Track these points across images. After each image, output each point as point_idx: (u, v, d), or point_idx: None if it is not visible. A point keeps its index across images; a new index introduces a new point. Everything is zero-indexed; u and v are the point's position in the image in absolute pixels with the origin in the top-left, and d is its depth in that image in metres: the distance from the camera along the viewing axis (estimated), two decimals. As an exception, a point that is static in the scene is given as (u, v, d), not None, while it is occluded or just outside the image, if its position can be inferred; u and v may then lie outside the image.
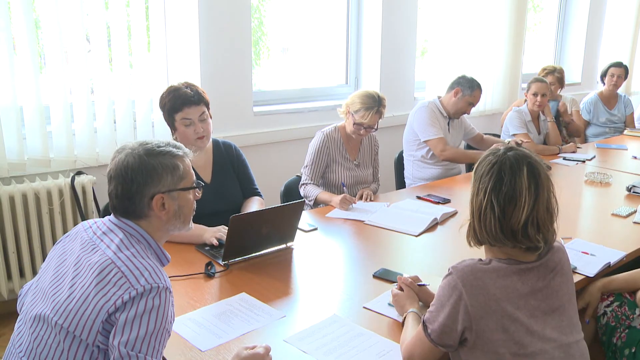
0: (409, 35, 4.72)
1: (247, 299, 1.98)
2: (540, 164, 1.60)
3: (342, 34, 4.67)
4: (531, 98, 4.44)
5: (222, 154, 2.75)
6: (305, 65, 4.74)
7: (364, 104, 3.10)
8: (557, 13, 6.82)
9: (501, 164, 1.58)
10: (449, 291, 1.54)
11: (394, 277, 2.06)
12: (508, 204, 1.55)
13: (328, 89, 4.62)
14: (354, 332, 1.79)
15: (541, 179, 1.57)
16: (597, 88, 5.85)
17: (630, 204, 3.15)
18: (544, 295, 1.57)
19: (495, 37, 5.36)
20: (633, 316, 2.24)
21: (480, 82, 3.95)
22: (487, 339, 1.51)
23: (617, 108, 5.59)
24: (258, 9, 4.35)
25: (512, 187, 1.55)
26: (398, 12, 4.57)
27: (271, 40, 4.55)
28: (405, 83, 4.81)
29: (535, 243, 1.55)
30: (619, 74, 5.46)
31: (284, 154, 4.08)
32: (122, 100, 3.38)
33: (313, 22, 4.65)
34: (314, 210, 3.01)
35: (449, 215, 2.91)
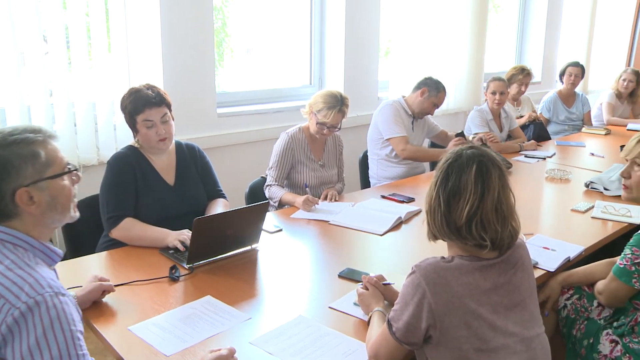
0: (372, 36, 4.75)
1: (212, 302, 1.97)
2: (493, 163, 1.61)
3: (305, 34, 4.67)
4: (490, 97, 4.52)
5: (185, 156, 2.72)
6: (270, 66, 4.73)
7: (327, 103, 3.11)
8: (517, 14, 6.94)
9: (453, 160, 1.62)
10: (413, 289, 1.55)
11: (359, 277, 2.07)
12: (452, 199, 1.58)
13: (292, 89, 4.61)
14: (319, 332, 1.79)
15: (490, 178, 1.58)
16: (556, 87, 5.97)
17: (588, 200, 3.23)
18: (505, 290, 1.60)
19: (458, 37, 5.43)
20: (591, 308, 2.30)
21: (444, 81, 4.01)
22: (451, 336, 1.53)
23: (576, 106, 5.72)
24: (221, 10, 4.33)
25: (457, 184, 1.58)
26: (361, 12, 4.59)
27: (235, 42, 4.52)
28: (369, 83, 4.84)
29: (479, 241, 1.57)
30: (576, 73, 5.60)
31: (249, 156, 4.07)
32: (82, 102, 3.32)
33: (277, 23, 4.64)
34: (278, 211, 3.01)
35: (413, 213, 2.93)
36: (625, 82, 5.98)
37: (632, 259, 2.01)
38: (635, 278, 2.01)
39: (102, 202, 2.50)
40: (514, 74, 5.11)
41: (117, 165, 2.53)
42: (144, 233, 2.43)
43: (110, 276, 2.12)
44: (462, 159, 1.60)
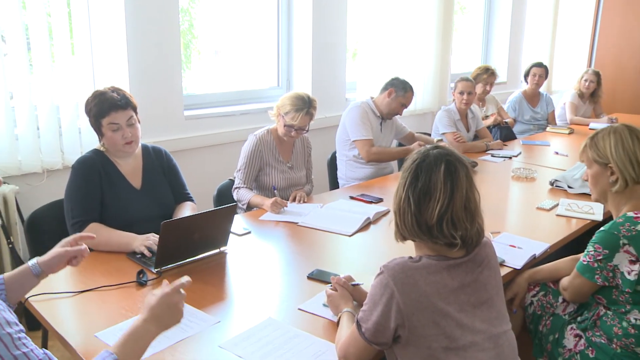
0: (339, 37, 4.76)
1: (180, 306, 1.95)
2: (460, 162, 1.63)
3: (273, 36, 4.66)
4: (458, 97, 4.57)
5: (152, 160, 2.69)
6: (237, 68, 4.71)
7: (294, 105, 3.11)
8: (483, 15, 7.04)
9: (421, 161, 1.63)
10: (381, 290, 1.56)
11: (328, 278, 2.07)
12: (422, 199, 1.59)
13: (260, 91, 4.60)
14: (289, 334, 1.79)
15: (458, 177, 1.60)
16: (522, 87, 6.07)
17: (553, 198, 3.29)
18: (472, 289, 1.62)
19: (424, 38, 5.48)
20: (557, 304, 2.34)
21: (411, 82, 4.04)
22: (420, 335, 1.54)
23: (540, 106, 5.83)
24: (188, 11, 4.29)
25: (427, 184, 1.59)
26: (328, 14, 4.61)
27: (202, 43, 4.49)
28: (337, 84, 4.85)
29: (450, 239, 1.58)
30: (540, 74, 5.70)
31: (217, 158, 4.04)
32: (45, 105, 3.26)
33: (244, 24, 4.62)
34: (247, 213, 3.00)
35: (381, 214, 2.94)
36: (586, 83, 6.11)
37: (594, 255, 2.06)
38: (598, 274, 2.06)
39: (67, 207, 2.46)
40: (479, 73, 5.18)
41: (82, 169, 2.49)
42: (110, 238, 2.40)
43: (76, 282, 2.09)
44: (430, 158, 1.61)
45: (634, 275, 1.98)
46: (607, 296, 2.09)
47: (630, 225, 2.01)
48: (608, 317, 2.10)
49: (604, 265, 2.03)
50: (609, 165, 2.15)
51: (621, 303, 2.06)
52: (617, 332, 2.05)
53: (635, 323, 2.02)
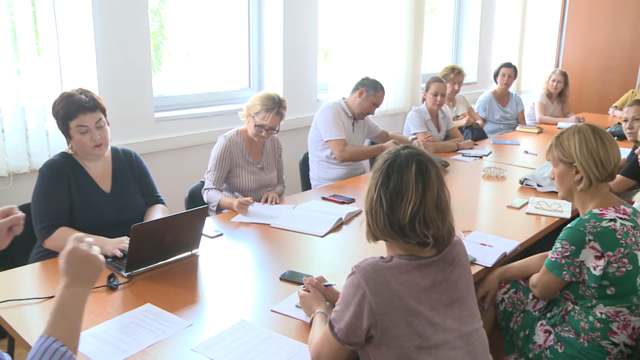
0: (310, 38, 4.77)
1: (152, 310, 1.93)
2: (431, 162, 1.64)
3: (244, 37, 4.64)
4: (431, 98, 4.60)
5: (122, 162, 2.66)
6: (209, 69, 4.68)
7: (264, 105, 3.10)
8: (452, 16, 7.11)
9: (392, 161, 1.63)
10: (353, 290, 1.56)
11: (301, 279, 2.07)
12: (395, 199, 1.59)
13: (231, 92, 4.58)
14: (262, 336, 1.79)
15: (430, 176, 1.61)
16: (491, 87, 6.15)
17: (523, 196, 3.34)
18: (444, 288, 1.63)
19: (396, 39, 5.51)
20: (527, 300, 2.38)
21: (383, 82, 4.05)
22: (392, 335, 1.55)
23: (510, 106, 5.90)
24: (158, 12, 4.25)
25: (399, 183, 1.59)
26: (299, 15, 4.61)
27: (173, 44, 4.45)
28: (308, 85, 4.86)
29: (423, 239, 1.59)
30: (509, 74, 5.78)
31: (188, 160, 4.01)
32: (10, 107, 3.19)
33: (216, 25, 4.60)
34: (219, 215, 2.98)
35: (354, 214, 2.96)
36: (554, 83, 6.21)
37: (562, 252, 2.09)
38: (565, 270, 2.09)
39: (35, 212, 2.42)
40: (446, 73, 5.24)
41: (50, 172, 2.46)
42: (79, 242, 2.36)
43: (44, 288, 2.06)
44: (401, 158, 1.62)
45: (599, 271, 2.02)
46: (574, 291, 2.13)
47: (595, 221, 2.05)
48: (575, 312, 2.14)
49: (571, 262, 2.07)
50: (574, 164, 2.18)
51: (587, 298, 2.10)
52: (584, 326, 2.09)
53: (600, 317, 2.06)
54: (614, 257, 2.01)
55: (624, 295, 2.03)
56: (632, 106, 3.84)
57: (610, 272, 2.02)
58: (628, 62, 7.37)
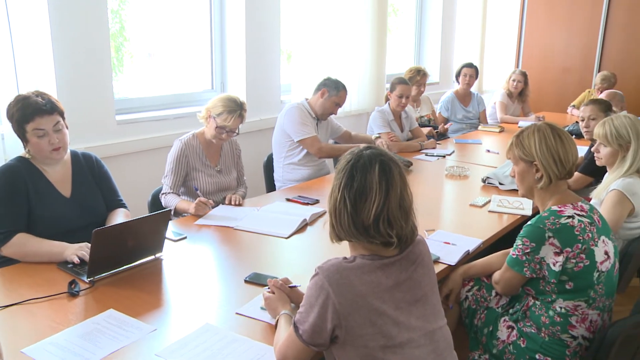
0: (273, 39, 4.76)
1: (115, 316, 1.90)
2: (393, 162, 1.65)
3: (206, 38, 4.61)
4: (396, 99, 4.62)
5: (82, 166, 2.61)
6: (171, 71, 4.62)
7: (227, 107, 3.08)
8: (415, 17, 7.18)
9: (355, 161, 1.64)
10: (317, 291, 1.57)
11: (265, 281, 2.07)
12: (359, 199, 1.60)
13: (194, 94, 4.54)
14: (227, 339, 1.78)
15: (393, 176, 1.62)
16: (454, 87, 6.22)
17: (485, 194, 3.39)
18: (407, 286, 1.65)
19: (359, 40, 5.53)
20: (490, 297, 2.41)
21: (346, 83, 4.07)
22: (357, 335, 1.56)
23: (472, 105, 5.98)
24: (118, 13, 4.19)
25: (363, 184, 1.60)
26: (261, 16, 4.59)
27: (135, 46, 4.38)
28: (272, 87, 4.84)
29: (387, 238, 1.60)
30: (471, 74, 5.86)
31: (151, 163, 3.96)
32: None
33: (177, 26, 4.55)
34: (182, 218, 2.95)
35: (318, 215, 2.96)
36: (514, 83, 6.32)
37: (522, 249, 2.13)
38: (526, 267, 2.13)
39: (-9, 218, 2.36)
40: (412, 76, 5.28)
41: (6, 177, 2.39)
42: (39, 248, 2.31)
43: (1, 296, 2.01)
44: (364, 159, 1.63)
45: (558, 266, 2.06)
46: (535, 287, 2.17)
47: (554, 218, 2.09)
48: (536, 307, 2.18)
49: (532, 258, 2.11)
50: (534, 162, 2.22)
51: (548, 293, 2.14)
52: (545, 321, 2.13)
53: (560, 311, 2.11)
54: (572, 253, 2.05)
55: (582, 289, 2.08)
56: (588, 105, 3.93)
57: (569, 267, 2.06)
58: (584, 63, 7.55)
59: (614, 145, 2.90)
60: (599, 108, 3.85)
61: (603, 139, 2.94)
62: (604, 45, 7.38)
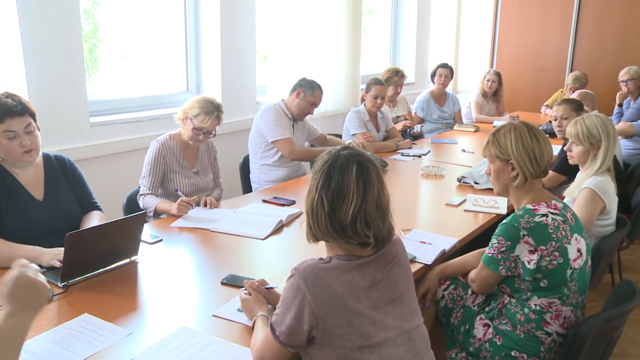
0: (248, 40, 4.74)
1: (89, 320, 1.88)
2: (371, 162, 1.65)
3: (181, 39, 4.57)
4: (371, 100, 4.63)
5: (55, 169, 2.58)
6: (146, 72, 4.58)
7: (204, 108, 3.07)
8: (390, 18, 7.21)
9: (332, 162, 1.64)
10: (293, 292, 1.57)
11: (242, 283, 2.06)
12: (336, 200, 1.60)
13: (169, 96, 4.51)
14: (204, 341, 1.77)
15: (370, 177, 1.62)
16: (429, 87, 6.26)
17: (461, 194, 3.41)
18: (383, 286, 1.65)
19: (334, 40, 5.54)
20: (466, 296, 2.43)
21: (322, 84, 4.07)
22: (334, 335, 1.56)
23: (447, 105, 6.02)
24: (91, 13, 4.13)
25: (340, 184, 1.60)
26: (236, 17, 4.57)
27: (109, 47, 4.33)
28: (247, 88, 4.83)
29: (364, 239, 1.60)
30: (446, 74, 5.90)
31: (125, 165, 3.92)
32: None
33: (152, 27, 4.51)
34: (158, 221, 2.92)
35: (294, 216, 2.96)
36: (489, 83, 6.38)
37: (498, 247, 2.15)
38: (502, 265, 2.15)
39: (-39, 223, 2.32)
40: (389, 76, 5.29)
41: (-24, 181, 2.35)
42: (12, 253, 2.26)
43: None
44: (342, 159, 1.63)
45: (533, 264, 2.09)
46: (510, 285, 2.20)
47: (529, 217, 2.12)
48: (512, 305, 2.20)
49: (507, 256, 2.13)
50: (510, 161, 2.25)
51: (523, 291, 2.16)
52: (520, 318, 2.15)
53: (535, 309, 2.13)
54: (547, 250, 2.08)
55: (555, 286, 2.11)
56: (560, 105, 3.98)
57: (543, 265, 2.09)
58: (557, 63, 7.65)
59: (585, 144, 2.95)
60: (571, 108, 3.90)
61: (575, 138, 2.98)
62: (576, 45, 7.50)
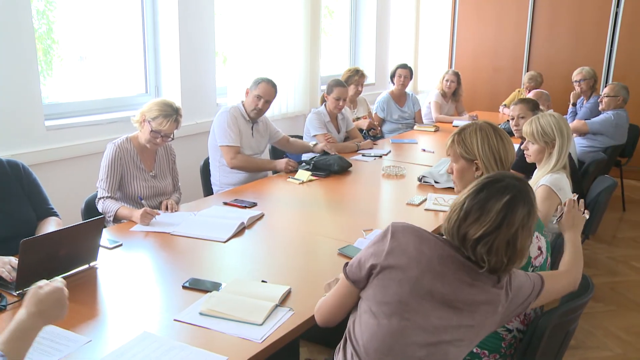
0: (207, 41, 4.71)
1: (46, 329, 1.79)
2: (525, 204, 1.61)
3: (139, 41, 4.51)
4: (333, 101, 4.63)
5: (8, 175, 2.51)
6: (104, 75, 4.50)
7: (162, 111, 3.03)
8: (350, 18, 7.25)
9: (493, 181, 1.64)
10: (380, 235, 1.68)
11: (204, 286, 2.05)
12: (472, 214, 1.61)
13: (127, 98, 4.44)
14: (165, 346, 1.75)
15: (515, 215, 1.59)
16: (389, 88, 6.31)
17: (421, 193, 3.45)
18: (452, 295, 1.63)
19: (293, 42, 5.54)
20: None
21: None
22: (383, 284, 1.64)
23: (407, 105, 6.07)
24: (45, 14, 4.04)
25: (483, 204, 1.60)
26: (195, 18, 4.54)
27: (65, 49, 4.25)
28: (207, 90, 4.79)
29: (479, 261, 1.61)
30: (405, 75, 5.95)
31: (83, 170, 3.84)
32: None
33: (110, 29, 4.43)
34: (117, 225, 2.88)
35: (255, 218, 2.95)
36: (448, 83, 6.47)
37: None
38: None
39: None
40: (350, 75, 5.32)
41: None
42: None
43: None
44: (502, 184, 1.63)
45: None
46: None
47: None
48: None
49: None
50: (475, 161, 2.27)
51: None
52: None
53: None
54: (506, 247, 2.12)
55: (517, 283, 2.15)
56: (517, 105, 4.06)
57: (505, 263, 2.12)
58: (513, 63, 7.80)
59: (541, 142, 3.01)
60: (527, 107, 3.98)
61: (530, 136, 3.04)
62: (531, 46, 7.66)
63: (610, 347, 3.31)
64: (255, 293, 2.06)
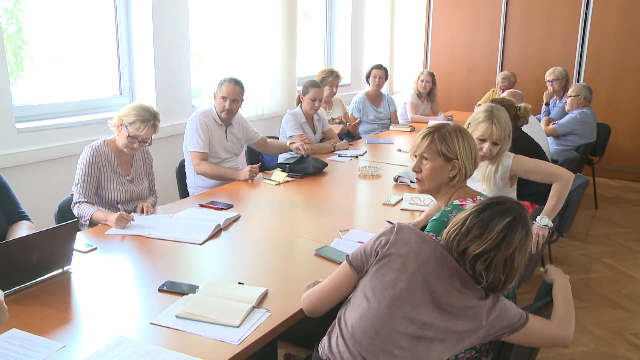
0: (182, 43, 4.67)
1: (17, 335, 1.81)
2: (523, 227, 1.71)
3: (112, 42, 4.46)
4: (309, 102, 4.62)
5: (-23, 178, 2.48)
6: (77, 76, 4.44)
7: (140, 116, 2.99)
8: (325, 20, 7.26)
9: (497, 203, 1.75)
10: (386, 230, 1.78)
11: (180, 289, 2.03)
12: (474, 230, 1.71)
13: (101, 100, 4.39)
14: (141, 350, 1.74)
15: (513, 236, 1.68)
16: (365, 88, 6.33)
17: (397, 193, 3.47)
18: (445, 298, 1.72)
19: (269, 43, 5.53)
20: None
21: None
22: (381, 272, 1.73)
23: (383, 106, 6.09)
24: (14, 14, 3.98)
25: (485, 223, 1.70)
26: (169, 18, 4.50)
27: (36, 50, 4.18)
28: (182, 91, 4.76)
29: (477, 276, 1.70)
30: (380, 75, 5.98)
31: (56, 173, 3.79)
32: None
33: (83, 29, 4.38)
34: (92, 229, 2.84)
35: (232, 220, 2.94)
36: (423, 83, 6.51)
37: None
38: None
39: None
40: (324, 76, 5.32)
41: None
42: None
43: None
44: (504, 206, 1.73)
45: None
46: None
47: (457, 212, 2.17)
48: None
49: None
50: (454, 161, 2.26)
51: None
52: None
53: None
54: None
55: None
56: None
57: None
58: (487, 63, 7.88)
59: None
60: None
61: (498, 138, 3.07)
62: (505, 46, 7.74)
63: (585, 342, 3.36)
64: (231, 295, 2.05)
